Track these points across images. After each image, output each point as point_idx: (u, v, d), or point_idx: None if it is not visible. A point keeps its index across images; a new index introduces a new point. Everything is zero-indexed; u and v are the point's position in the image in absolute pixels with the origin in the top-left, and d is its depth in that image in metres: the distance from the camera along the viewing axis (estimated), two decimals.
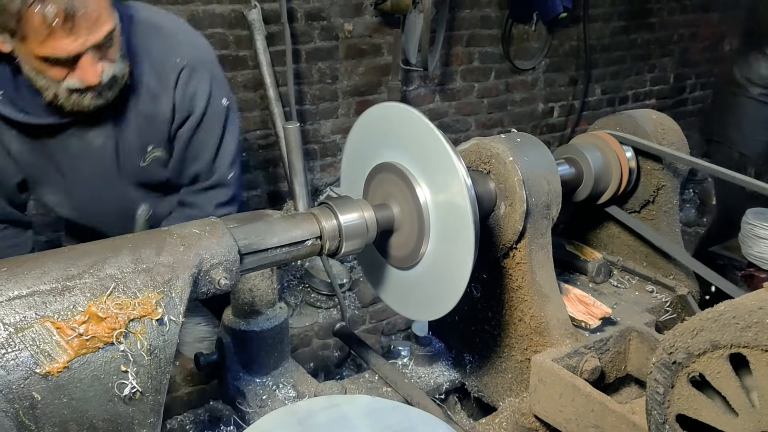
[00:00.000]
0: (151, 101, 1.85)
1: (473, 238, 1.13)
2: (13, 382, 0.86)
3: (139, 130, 1.88)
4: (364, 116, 1.34)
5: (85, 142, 1.85)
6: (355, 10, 4.05)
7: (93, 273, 0.94)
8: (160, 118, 1.88)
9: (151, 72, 1.83)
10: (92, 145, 1.86)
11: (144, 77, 1.82)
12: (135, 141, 1.90)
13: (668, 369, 0.98)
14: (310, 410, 1.18)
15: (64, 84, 1.61)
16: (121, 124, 1.86)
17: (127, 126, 1.86)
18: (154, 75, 1.83)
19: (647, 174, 1.65)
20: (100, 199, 1.98)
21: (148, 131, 1.90)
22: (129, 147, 1.90)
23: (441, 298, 1.24)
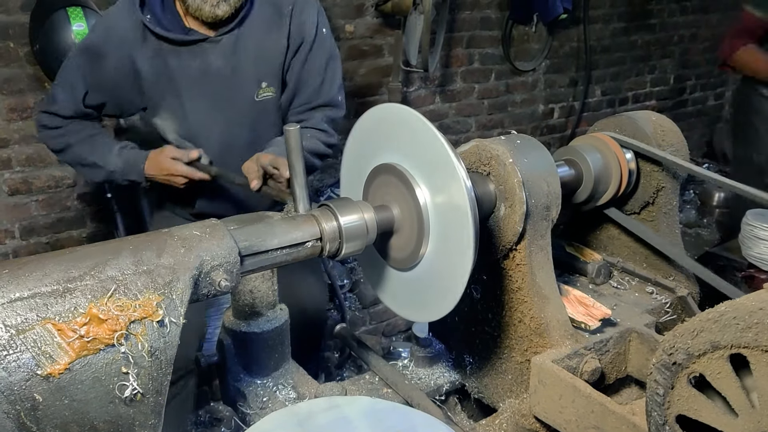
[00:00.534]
0: (268, 32, 2.18)
1: (473, 240, 1.13)
2: (14, 383, 0.87)
3: (256, 61, 2.19)
4: (363, 117, 1.34)
5: (206, 63, 2.15)
6: (356, 12, 4.06)
7: (94, 275, 0.94)
8: (276, 48, 2.20)
9: (270, 7, 2.19)
10: (212, 66, 2.15)
11: (264, 11, 2.17)
12: (251, 72, 2.19)
13: (668, 370, 0.98)
14: (311, 411, 1.18)
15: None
16: (240, 53, 2.16)
17: (245, 55, 2.17)
18: (273, 8, 2.19)
19: (647, 175, 1.66)
20: (209, 128, 2.23)
21: (264, 64, 2.20)
22: (245, 77, 2.19)
23: (441, 300, 1.24)
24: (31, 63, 3.11)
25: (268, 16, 2.19)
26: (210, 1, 2.01)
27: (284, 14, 2.20)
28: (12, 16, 3.04)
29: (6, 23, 3.03)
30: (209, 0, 2.01)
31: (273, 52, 2.21)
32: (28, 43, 3.07)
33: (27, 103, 3.17)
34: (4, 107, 3.12)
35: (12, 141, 3.17)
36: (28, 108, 3.17)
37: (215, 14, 2.04)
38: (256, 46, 2.18)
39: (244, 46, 2.17)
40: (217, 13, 2.04)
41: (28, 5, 3.04)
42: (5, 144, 3.16)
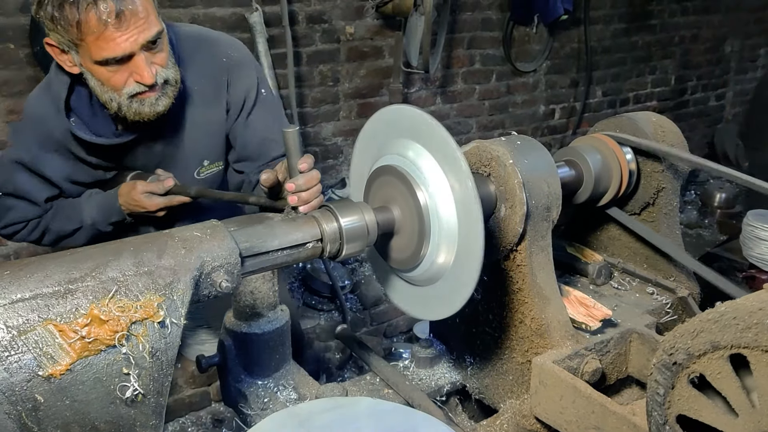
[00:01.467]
0: (205, 107, 2.02)
1: (481, 240, 1.14)
2: (16, 384, 0.87)
3: (195, 140, 2.04)
4: (372, 119, 1.34)
5: (150, 150, 2.03)
6: (356, 13, 4.06)
7: (95, 276, 0.95)
8: (215, 124, 2.05)
9: (202, 79, 1.99)
10: (152, 153, 2.03)
11: (196, 85, 1.99)
12: (191, 152, 2.06)
13: (668, 370, 0.98)
14: (312, 412, 1.19)
15: (124, 91, 1.76)
16: (179, 134, 2.02)
17: (184, 136, 2.03)
18: (206, 80, 2.00)
19: (647, 176, 1.66)
20: None
21: (203, 142, 2.06)
22: (184, 156, 2.06)
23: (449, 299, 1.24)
24: (31, 65, 3.11)
25: (204, 90, 2.02)
26: (147, 101, 1.81)
27: (220, 86, 2.03)
28: (11, 18, 3.04)
29: (5, 25, 3.03)
30: (146, 101, 1.81)
31: (212, 127, 2.07)
32: (29, 44, 3.07)
33: None
34: (3, 109, 3.12)
35: None
36: None
37: (156, 112, 1.84)
38: (192, 124, 2.03)
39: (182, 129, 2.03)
40: (158, 111, 1.84)
41: (26, 7, 3.04)
42: (4, 146, 3.17)
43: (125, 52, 1.68)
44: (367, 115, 1.35)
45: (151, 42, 1.71)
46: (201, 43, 2.02)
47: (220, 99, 2.04)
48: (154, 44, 1.73)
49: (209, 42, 2.04)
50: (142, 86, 1.76)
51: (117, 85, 1.77)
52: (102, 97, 1.82)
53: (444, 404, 1.61)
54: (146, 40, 1.70)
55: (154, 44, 1.73)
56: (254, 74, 2.10)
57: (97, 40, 1.66)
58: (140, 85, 1.76)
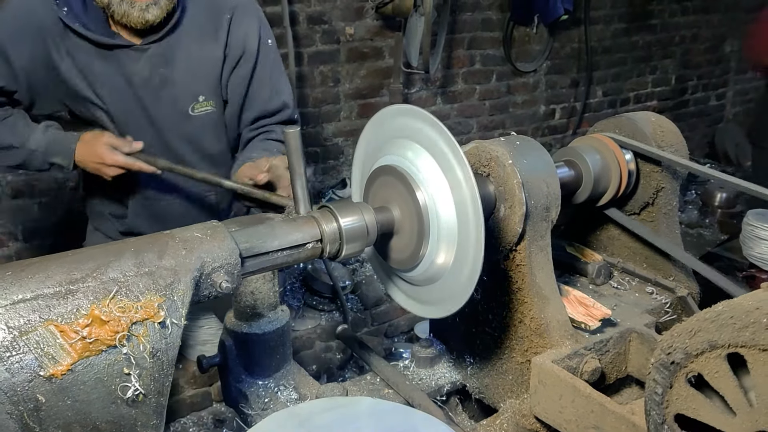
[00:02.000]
0: (203, 42, 1.96)
1: (481, 240, 1.14)
2: (17, 384, 0.87)
3: (190, 72, 1.97)
4: (373, 119, 1.35)
5: (130, 72, 1.92)
6: (356, 14, 4.07)
7: (96, 277, 0.95)
8: (212, 60, 1.98)
9: (205, 13, 1.95)
10: (137, 77, 1.92)
11: (197, 17, 1.95)
12: (184, 83, 1.98)
13: (666, 369, 0.99)
14: (312, 412, 1.19)
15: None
16: (170, 63, 1.94)
17: (175, 65, 1.95)
18: (208, 15, 1.96)
19: (646, 176, 1.66)
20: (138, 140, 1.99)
21: (199, 76, 1.98)
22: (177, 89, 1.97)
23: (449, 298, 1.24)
24: None
25: (203, 24, 1.97)
26: (138, 5, 1.78)
27: (221, 23, 1.99)
28: None
29: None
30: (137, 4, 1.78)
31: (208, 64, 2.01)
32: None
33: None
34: None
35: None
36: None
37: (145, 19, 1.81)
38: (188, 56, 1.97)
39: (174, 57, 1.96)
40: (147, 18, 1.81)
41: None
42: None
43: None
44: (368, 116, 1.35)
45: None
46: None
47: (219, 37, 1.98)
48: None
49: None
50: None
51: None
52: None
53: (444, 404, 1.61)
54: None
55: None
56: (257, 22, 2.06)
57: None
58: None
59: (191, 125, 2.03)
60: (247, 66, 2.03)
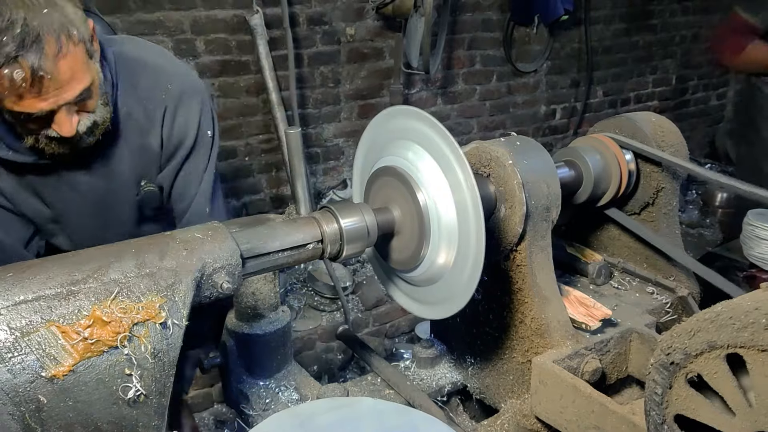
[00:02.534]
0: (140, 135, 1.84)
1: (481, 241, 1.15)
2: (19, 385, 0.88)
3: (133, 163, 1.86)
4: (374, 121, 1.35)
5: (75, 181, 1.81)
6: (356, 15, 4.07)
7: (97, 278, 0.95)
8: (150, 151, 1.87)
9: (139, 107, 1.81)
10: (82, 184, 1.82)
11: (133, 112, 1.80)
12: (129, 174, 1.87)
13: (666, 370, 0.99)
14: (313, 412, 1.19)
15: (42, 133, 1.59)
16: (112, 160, 1.83)
17: (119, 160, 1.84)
18: (142, 110, 1.82)
19: (647, 176, 1.66)
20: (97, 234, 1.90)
21: (141, 164, 1.88)
22: (123, 181, 1.88)
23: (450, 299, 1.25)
24: None
25: (141, 121, 1.83)
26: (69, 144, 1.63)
27: (155, 120, 1.84)
28: None
29: None
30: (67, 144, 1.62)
31: (148, 154, 1.87)
32: None
33: None
34: None
35: None
36: None
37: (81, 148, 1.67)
38: (131, 149, 1.84)
39: (116, 155, 1.83)
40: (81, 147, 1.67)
41: None
42: None
43: (44, 111, 1.51)
44: (368, 116, 1.36)
45: (73, 101, 1.54)
46: (143, 69, 1.83)
47: (155, 130, 1.85)
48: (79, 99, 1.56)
49: (151, 69, 1.84)
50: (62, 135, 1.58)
51: (34, 129, 1.59)
52: (16, 128, 1.63)
53: (445, 404, 1.62)
54: (67, 102, 1.53)
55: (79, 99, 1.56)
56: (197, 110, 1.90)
57: (11, 100, 1.48)
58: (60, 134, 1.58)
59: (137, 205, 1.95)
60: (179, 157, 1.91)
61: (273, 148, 3.95)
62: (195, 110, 1.89)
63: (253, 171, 3.95)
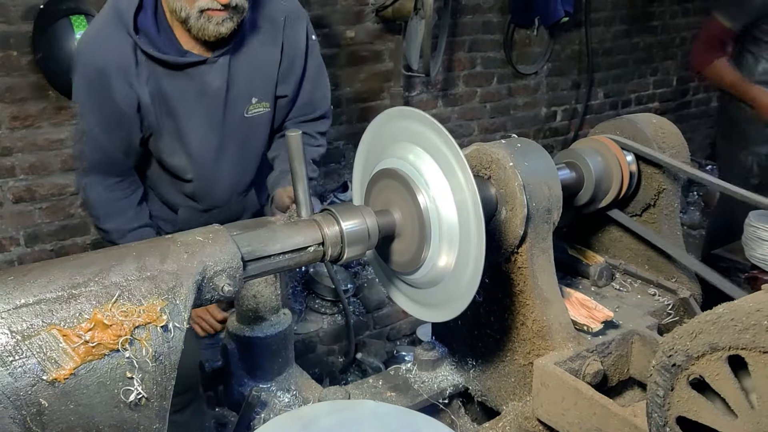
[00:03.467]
0: (263, 47, 2.11)
1: (482, 243, 1.14)
2: (20, 388, 0.88)
3: (249, 76, 2.10)
4: (373, 123, 1.35)
5: (203, 84, 2.04)
6: (356, 17, 4.07)
7: (98, 281, 0.95)
8: (270, 63, 2.14)
9: (263, 18, 2.11)
10: (209, 87, 2.05)
11: (257, 24, 2.10)
12: (243, 88, 2.11)
13: (668, 371, 0.99)
14: (315, 416, 1.19)
15: (197, 4, 1.86)
16: (235, 69, 2.07)
17: (239, 71, 2.08)
18: (266, 21, 2.11)
19: (648, 178, 1.66)
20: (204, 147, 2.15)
21: (256, 79, 2.13)
22: (237, 93, 2.10)
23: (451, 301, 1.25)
24: (33, 71, 3.13)
25: (263, 30, 2.12)
26: (215, 19, 1.89)
27: (278, 26, 2.14)
28: (13, 25, 3.06)
29: (8, 33, 3.05)
30: (213, 18, 1.88)
31: (267, 66, 2.15)
32: (31, 51, 3.09)
33: (29, 112, 3.18)
34: (6, 116, 3.14)
35: (15, 149, 3.19)
36: (30, 116, 3.19)
37: (219, 33, 1.92)
38: (250, 62, 2.11)
39: (238, 63, 2.09)
40: (221, 32, 1.92)
41: (30, 14, 3.06)
42: (9, 152, 3.18)
43: None
44: (368, 119, 1.36)
45: None
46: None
47: (276, 41, 2.13)
48: None
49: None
50: (215, 2, 1.85)
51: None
52: (172, 3, 1.91)
53: (446, 407, 1.61)
54: None
55: None
56: (305, 22, 2.24)
57: None
58: (214, 1, 1.85)
59: (244, 126, 2.16)
60: (297, 64, 2.20)
61: None
62: (305, 20, 2.25)
63: None
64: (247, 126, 2.18)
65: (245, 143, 2.22)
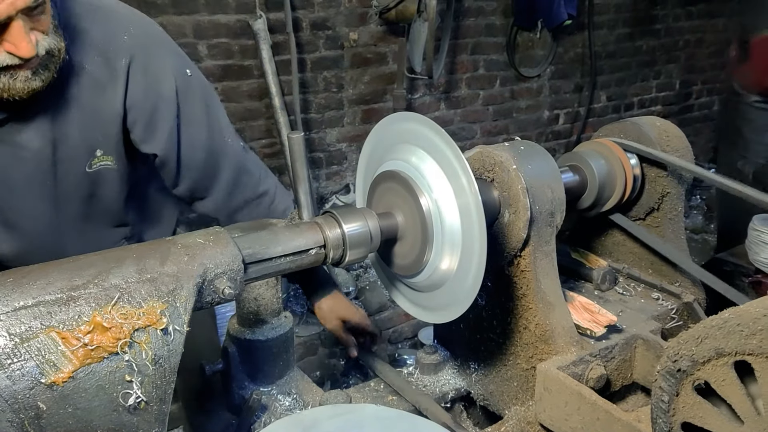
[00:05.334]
0: (96, 92, 1.61)
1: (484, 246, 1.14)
2: (18, 392, 0.87)
3: (83, 127, 1.62)
4: (377, 127, 1.35)
5: (18, 147, 1.58)
6: (359, 20, 4.07)
7: (98, 283, 0.95)
8: (108, 113, 1.63)
9: (94, 56, 1.58)
10: (27, 149, 1.59)
11: (86, 64, 1.58)
12: (78, 141, 1.63)
13: (673, 377, 0.98)
14: (316, 419, 1.18)
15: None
16: (61, 122, 1.59)
17: (68, 123, 1.60)
18: (99, 60, 1.59)
19: (652, 181, 1.65)
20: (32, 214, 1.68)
21: (94, 130, 1.63)
22: (71, 149, 1.63)
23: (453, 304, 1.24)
24: None
25: (97, 74, 1.59)
26: (22, 76, 1.42)
27: (117, 69, 1.60)
28: None
29: None
30: (20, 75, 1.41)
31: (104, 117, 1.63)
32: None
33: None
34: None
35: None
36: None
37: (31, 88, 1.45)
38: (82, 111, 1.60)
39: (65, 115, 1.59)
40: (34, 86, 1.45)
41: None
42: None
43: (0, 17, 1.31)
44: (371, 121, 1.35)
45: (31, 5, 1.34)
46: (95, 12, 1.59)
47: (116, 86, 1.61)
48: (35, 8, 1.36)
49: (106, 11, 1.61)
50: (16, 58, 1.39)
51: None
52: None
53: (449, 411, 1.60)
54: (26, 4, 1.33)
55: (35, 8, 1.36)
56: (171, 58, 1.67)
57: None
58: (14, 57, 1.39)
59: (88, 181, 1.69)
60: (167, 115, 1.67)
61: (276, 153, 3.94)
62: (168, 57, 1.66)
63: None
64: (90, 181, 1.69)
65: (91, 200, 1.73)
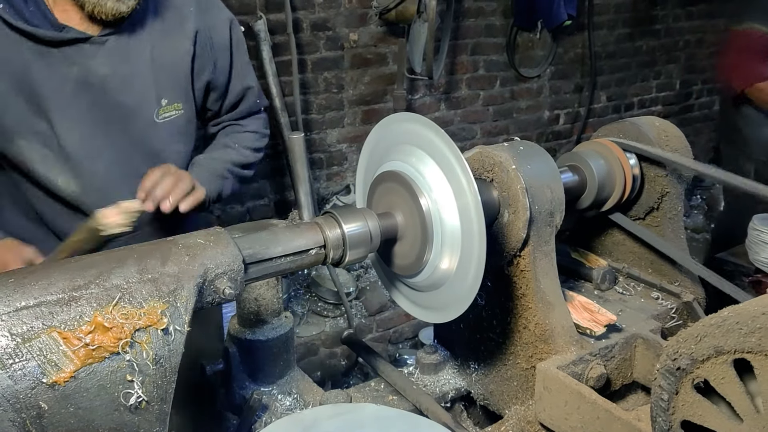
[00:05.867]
0: (166, 39, 1.71)
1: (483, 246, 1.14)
2: (20, 391, 0.87)
3: (155, 73, 1.69)
4: (376, 128, 1.35)
5: (85, 70, 1.59)
6: (360, 20, 4.08)
7: (99, 283, 0.95)
8: (177, 57, 1.73)
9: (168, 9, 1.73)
10: (94, 75, 1.60)
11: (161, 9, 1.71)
12: (145, 85, 1.69)
13: (672, 375, 0.98)
14: (316, 419, 1.19)
15: None
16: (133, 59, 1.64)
17: (139, 62, 1.66)
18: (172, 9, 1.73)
19: (651, 181, 1.65)
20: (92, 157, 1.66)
21: (164, 77, 1.71)
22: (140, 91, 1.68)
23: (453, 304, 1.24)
24: None
25: (168, 17, 1.70)
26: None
27: (185, 16, 1.73)
28: None
29: None
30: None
31: (176, 60, 1.72)
32: None
33: None
34: None
35: None
36: None
37: (119, 10, 1.52)
38: (152, 51, 1.67)
39: (137, 51, 1.64)
40: (121, 10, 1.52)
41: None
42: None
43: None
44: (372, 122, 1.36)
45: None
46: None
47: (185, 30, 1.73)
48: None
49: None
50: None
51: None
52: None
53: (449, 410, 1.61)
54: None
55: None
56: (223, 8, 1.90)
57: None
58: None
59: (155, 135, 1.73)
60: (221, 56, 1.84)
61: (277, 154, 3.95)
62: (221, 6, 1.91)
63: (257, 176, 3.95)
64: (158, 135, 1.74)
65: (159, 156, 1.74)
